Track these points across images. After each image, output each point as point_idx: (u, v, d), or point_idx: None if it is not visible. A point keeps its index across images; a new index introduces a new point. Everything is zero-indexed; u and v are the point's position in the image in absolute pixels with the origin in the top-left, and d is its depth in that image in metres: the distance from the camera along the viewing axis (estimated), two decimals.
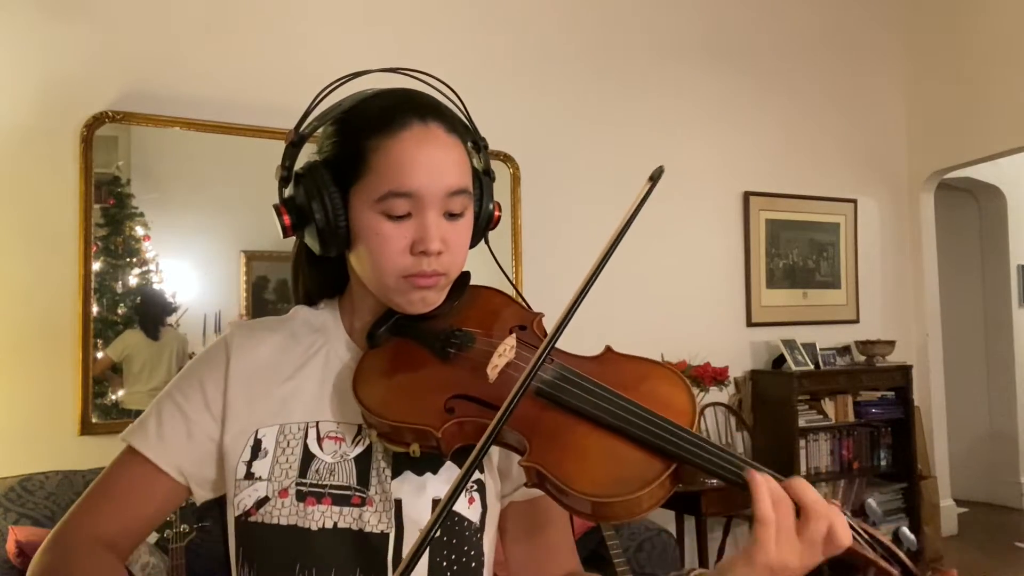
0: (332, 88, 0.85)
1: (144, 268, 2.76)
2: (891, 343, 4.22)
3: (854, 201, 4.43)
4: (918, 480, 4.17)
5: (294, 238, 0.89)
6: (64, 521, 0.82)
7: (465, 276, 0.88)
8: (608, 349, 0.83)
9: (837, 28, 4.46)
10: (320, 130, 0.84)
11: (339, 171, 0.80)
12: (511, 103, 3.45)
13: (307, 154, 0.86)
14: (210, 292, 2.85)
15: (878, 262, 4.55)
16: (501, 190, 3.37)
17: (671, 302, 3.78)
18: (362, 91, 0.83)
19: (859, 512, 0.72)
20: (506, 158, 3.39)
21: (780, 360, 3.99)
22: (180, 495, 0.85)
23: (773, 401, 3.89)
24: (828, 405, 4.02)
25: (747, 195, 4.08)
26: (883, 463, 4.18)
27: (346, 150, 0.80)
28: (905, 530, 0.72)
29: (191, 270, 2.83)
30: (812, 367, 3.96)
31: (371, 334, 0.85)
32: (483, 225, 0.89)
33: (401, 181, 0.77)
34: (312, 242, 0.83)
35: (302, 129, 0.84)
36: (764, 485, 0.67)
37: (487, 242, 0.93)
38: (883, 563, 0.69)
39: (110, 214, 2.72)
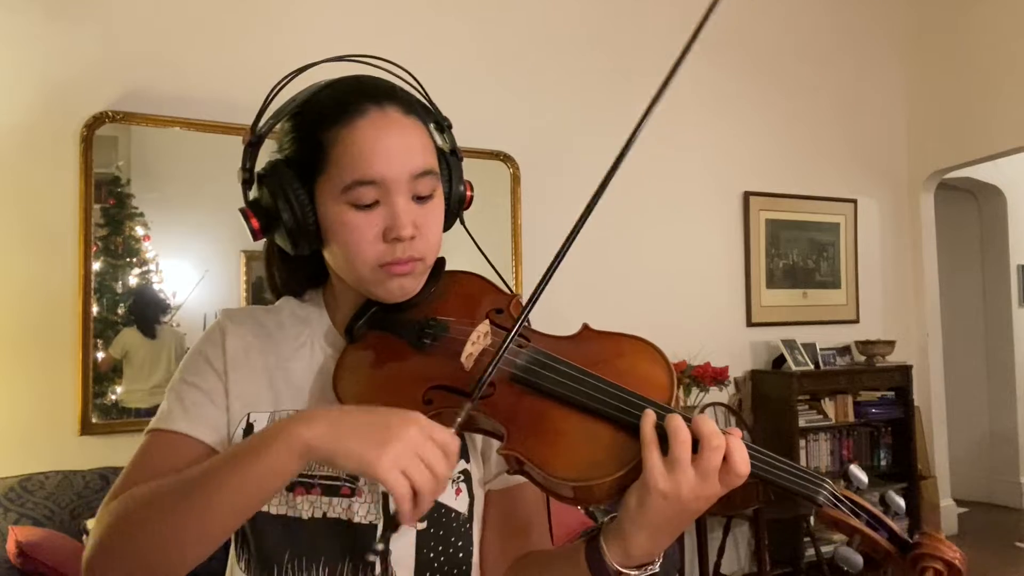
0: (283, 84, 0.83)
1: (144, 268, 2.76)
2: (891, 343, 4.22)
3: (854, 201, 4.43)
4: (918, 480, 4.17)
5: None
6: (104, 501, 0.77)
7: (440, 262, 0.87)
8: (585, 327, 0.82)
9: (837, 28, 4.46)
10: (278, 127, 0.83)
11: (301, 167, 0.79)
12: (511, 103, 3.45)
13: (269, 152, 0.84)
14: (210, 292, 2.85)
15: (878, 262, 4.55)
16: (501, 190, 3.37)
17: (671, 302, 3.78)
18: (315, 83, 0.82)
19: (844, 478, 0.72)
20: (506, 158, 3.39)
21: (780, 360, 3.98)
22: None
23: (773, 401, 3.89)
24: (828, 405, 4.02)
25: (747, 195, 4.08)
26: (883, 463, 4.18)
27: (305, 145, 0.79)
28: (892, 494, 0.72)
29: (191, 270, 2.83)
30: (812, 367, 3.96)
31: (349, 328, 0.84)
32: (455, 207, 0.88)
33: (364, 169, 0.75)
34: (284, 243, 0.81)
35: (259, 128, 0.82)
36: (650, 416, 0.68)
37: (463, 223, 0.91)
38: (867, 530, 0.69)
39: (110, 214, 2.72)
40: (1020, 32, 4.04)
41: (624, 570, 0.69)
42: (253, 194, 0.82)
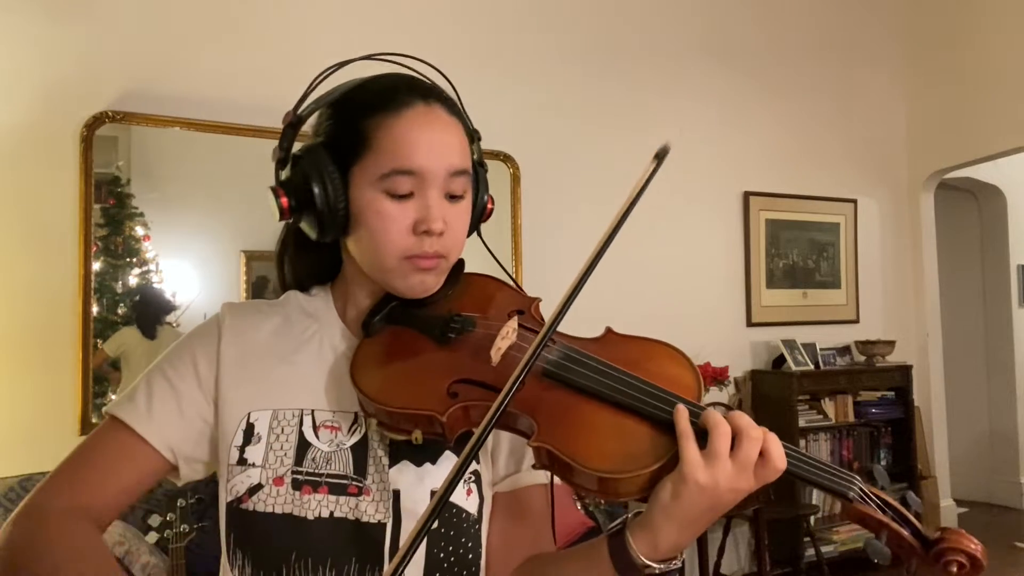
0: (334, 69, 0.84)
1: (144, 268, 2.76)
2: (891, 343, 4.22)
3: (854, 201, 4.43)
4: (918, 480, 4.17)
5: (281, 226, 0.88)
6: (39, 488, 0.79)
7: (460, 263, 0.87)
8: (609, 330, 0.83)
9: (837, 28, 4.46)
10: (316, 115, 0.83)
11: (339, 151, 0.79)
12: (511, 103, 3.45)
13: (302, 140, 0.85)
14: (210, 292, 2.85)
15: (878, 262, 4.55)
16: (501, 190, 3.37)
17: (671, 302, 3.78)
18: (359, 77, 0.83)
19: (868, 477, 0.75)
20: (506, 158, 3.39)
21: (780, 360, 3.98)
22: (164, 471, 0.83)
23: (773, 401, 3.89)
24: (828, 405, 4.02)
25: (747, 195, 4.08)
26: (883, 463, 4.17)
27: (346, 130, 0.79)
28: (912, 494, 0.75)
29: (191, 270, 2.83)
30: (812, 367, 3.96)
31: (367, 322, 0.83)
32: (477, 216, 0.89)
33: (405, 159, 0.76)
34: (309, 226, 0.81)
35: (300, 111, 0.83)
36: (684, 409, 0.69)
37: (479, 234, 0.92)
38: (895, 525, 0.71)
39: (110, 214, 2.71)
40: (1020, 32, 4.04)
41: (650, 563, 0.69)
42: (285, 174, 0.82)
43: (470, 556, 0.81)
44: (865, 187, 4.51)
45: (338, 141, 0.80)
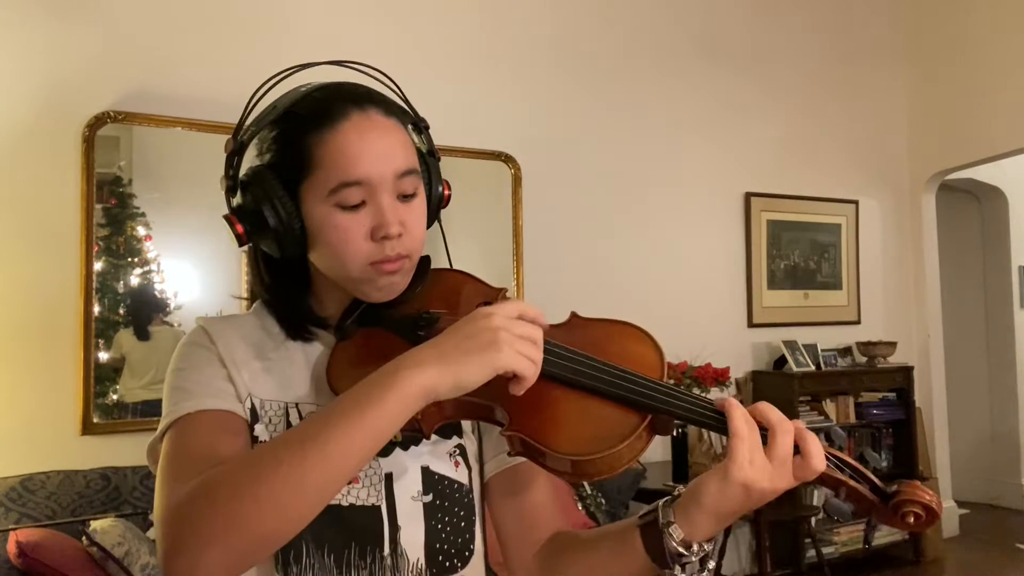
0: (260, 96, 0.85)
1: (145, 268, 2.76)
2: (892, 344, 4.22)
3: (855, 202, 4.43)
4: (919, 481, 4.16)
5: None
6: (159, 498, 0.70)
7: (426, 260, 0.88)
8: (573, 315, 0.85)
9: (839, 29, 4.46)
10: (258, 135, 0.84)
11: (284, 172, 0.81)
12: (512, 104, 3.45)
13: (248, 159, 0.86)
14: (211, 292, 2.85)
15: (879, 263, 4.55)
16: (502, 191, 3.37)
17: (672, 303, 3.78)
18: (293, 89, 0.84)
19: (824, 437, 0.76)
20: (507, 158, 3.38)
21: (781, 361, 3.98)
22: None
23: (774, 402, 3.69)
24: (829, 406, 4.02)
25: (748, 196, 4.08)
26: (884, 464, 4.17)
27: (289, 150, 0.81)
28: (869, 451, 0.80)
29: (192, 270, 2.83)
30: (813, 368, 3.96)
31: (339, 326, 0.85)
32: (435, 206, 0.90)
33: (350, 170, 0.77)
34: (270, 247, 0.82)
35: (240, 136, 0.84)
36: (739, 407, 0.72)
37: (440, 223, 0.93)
38: (852, 482, 0.74)
39: (112, 214, 2.72)
40: (1021, 32, 4.04)
41: (685, 552, 0.73)
42: (237, 201, 0.84)
43: (463, 524, 0.86)
44: (866, 188, 4.51)
45: (282, 161, 0.81)
